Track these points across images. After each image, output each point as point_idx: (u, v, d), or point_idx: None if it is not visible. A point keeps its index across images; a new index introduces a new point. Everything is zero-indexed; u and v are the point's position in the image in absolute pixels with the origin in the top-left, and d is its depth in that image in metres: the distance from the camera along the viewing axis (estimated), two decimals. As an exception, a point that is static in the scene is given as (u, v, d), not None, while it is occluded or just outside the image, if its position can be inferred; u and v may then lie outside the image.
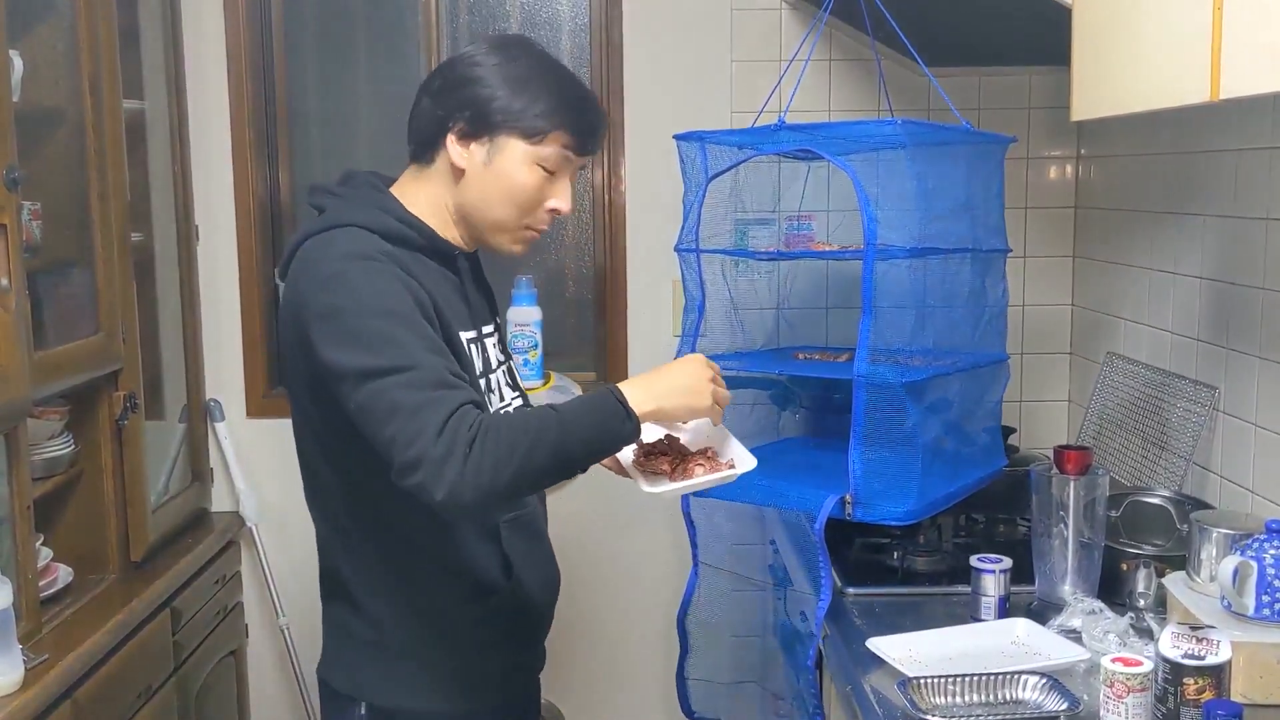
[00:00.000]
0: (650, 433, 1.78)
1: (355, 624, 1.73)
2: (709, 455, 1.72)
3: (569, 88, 1.69)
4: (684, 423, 1.75)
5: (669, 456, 1.73)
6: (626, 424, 1.55)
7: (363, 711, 1.72)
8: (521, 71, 1.65)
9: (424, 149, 1.70)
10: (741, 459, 1.71)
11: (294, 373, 1.66)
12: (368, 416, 1.49)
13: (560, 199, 1.69)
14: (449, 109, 1.66)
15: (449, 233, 1.71)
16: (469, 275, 1.77)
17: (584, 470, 1.57)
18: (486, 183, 1.66)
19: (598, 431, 1.53)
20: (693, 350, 2.32)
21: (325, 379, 1.54)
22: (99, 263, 2.43)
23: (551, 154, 1.66)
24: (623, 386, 1.58)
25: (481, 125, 1.64)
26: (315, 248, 1.60)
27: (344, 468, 1.66)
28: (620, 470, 1.78)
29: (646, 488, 1.68)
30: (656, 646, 3.15)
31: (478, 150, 1.65)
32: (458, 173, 1.67)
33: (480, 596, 1.71)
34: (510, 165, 1.65)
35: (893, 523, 2.04)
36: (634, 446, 1.77)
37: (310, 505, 1.76)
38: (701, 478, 1.68)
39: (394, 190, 1.72)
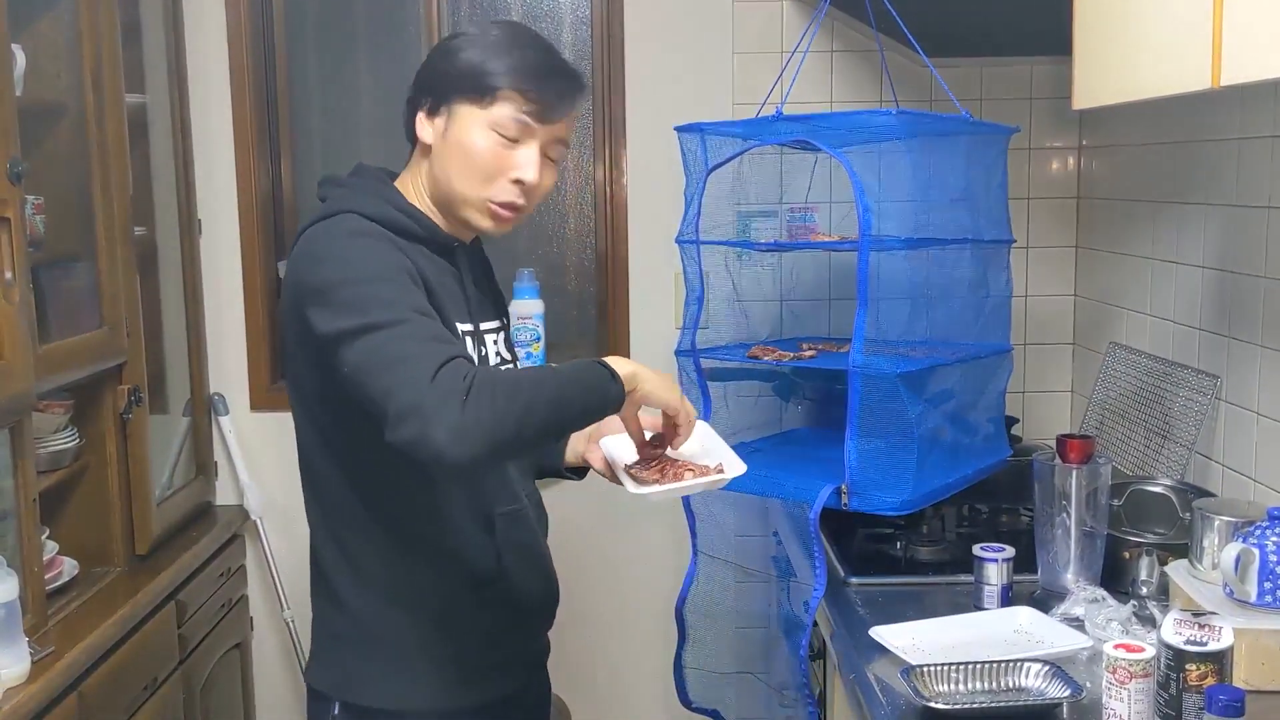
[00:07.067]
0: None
1: (336, 621, 1.71)
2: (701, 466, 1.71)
3: (532, 54, 1.64)
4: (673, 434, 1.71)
5: (659, 465, 1.72)
6: (613, 385, 1.52)
7: (336, 711, 1.70)
8: (488, 42, 1.64)
9: (409, 137, 1.72)
10: (731, 464, 1.68)
11: (293, 358, 1.66)
12: (362, 374, 1.45)
13: (523, 169, 1.63)
14: (417, 89, 1.68)
15: (440, 221, 1.70)
16: (469, 270, 1.75)
17: (577, 429, 1.60)
18: (446, 153, 1.65)
19: (588, 390, 1.51)
20: (693, 341, 2.34)
21: (323, 353, 1.52)
22: (102, 256, 2.43)
23: (505, 118, 1.61)
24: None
25: (439, 97, 1.64)
26: (313, 232, 1.61)
27: (341, 455, 1.66)
28: (612, 477, 1.77)
29: (632, 489, 1.66)
30: (657, 637, 3.15)
31: (439, 123, 1.65)
32: (426, 150, 1.68)
33: (470, 589, 1.69)
34: (463, 132, 1.62)
35: (888, 513, 2.04)
36: (633, 455, 1.75)
37: (305, 498, 1.75)
38: (689, 481, 1.67)
39: (396, 184, 1.72)
